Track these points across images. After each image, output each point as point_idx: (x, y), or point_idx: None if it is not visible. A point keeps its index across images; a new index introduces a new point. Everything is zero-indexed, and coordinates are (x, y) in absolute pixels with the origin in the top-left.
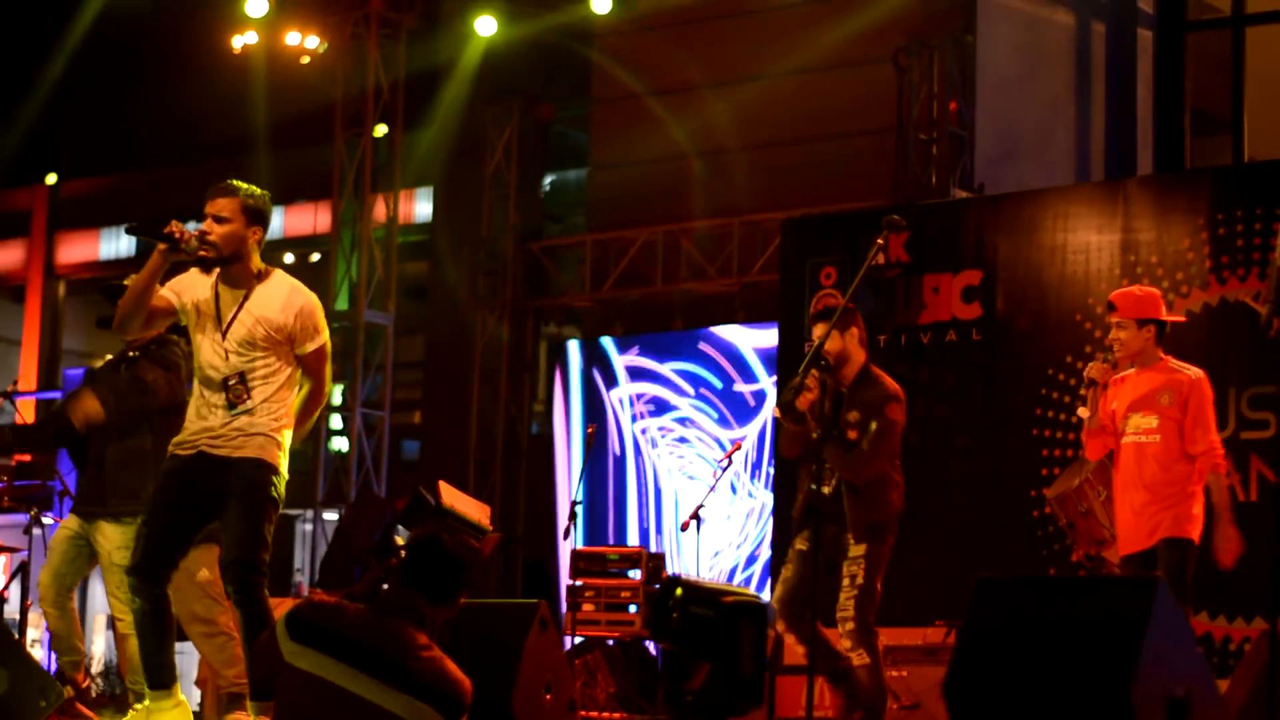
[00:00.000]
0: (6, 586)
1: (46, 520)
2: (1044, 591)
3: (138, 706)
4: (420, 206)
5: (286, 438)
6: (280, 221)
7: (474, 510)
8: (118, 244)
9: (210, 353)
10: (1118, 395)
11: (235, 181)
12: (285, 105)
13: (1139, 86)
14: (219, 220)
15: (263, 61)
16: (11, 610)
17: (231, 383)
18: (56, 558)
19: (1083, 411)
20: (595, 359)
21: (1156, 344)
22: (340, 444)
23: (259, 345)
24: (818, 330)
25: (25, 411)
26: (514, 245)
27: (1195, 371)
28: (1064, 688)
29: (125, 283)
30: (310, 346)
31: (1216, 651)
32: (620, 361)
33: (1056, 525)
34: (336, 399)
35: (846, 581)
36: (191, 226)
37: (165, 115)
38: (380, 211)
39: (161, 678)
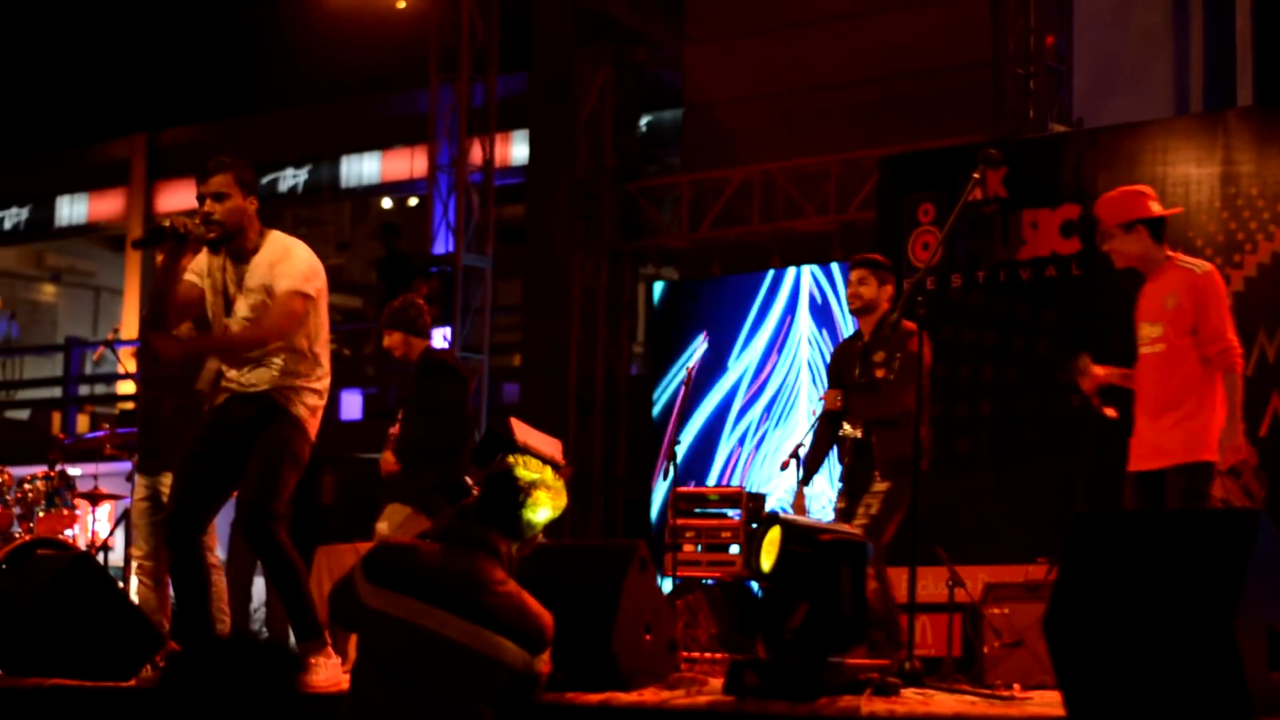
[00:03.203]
0: (110, 534)
1: None
2: (1142, 526)
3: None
4: (516, 150)
5: (315, 401)
6: (378, 166)
7: (547, 446)
8: None
9: (219, 323)
10: (1136, 310)
11: (222, 157)
12: (381, 50)
13: (1238, 16)
14: (218, 198)
15: (359, 5)
16: (116, 558)
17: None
18: (147, 528)
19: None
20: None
21: (1157, 244)
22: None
23: (263, 310)
24: (855, 274)
25: (126, 360)
26: (610, 187)
27: (1203, 265)
28: (1164, 623)
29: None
30: (279, 286)
31: None
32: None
33: None
34: (437, 343)
35: (861, 510)
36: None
37: (263, 61)
38: (477, 155)
39: (196, 637)
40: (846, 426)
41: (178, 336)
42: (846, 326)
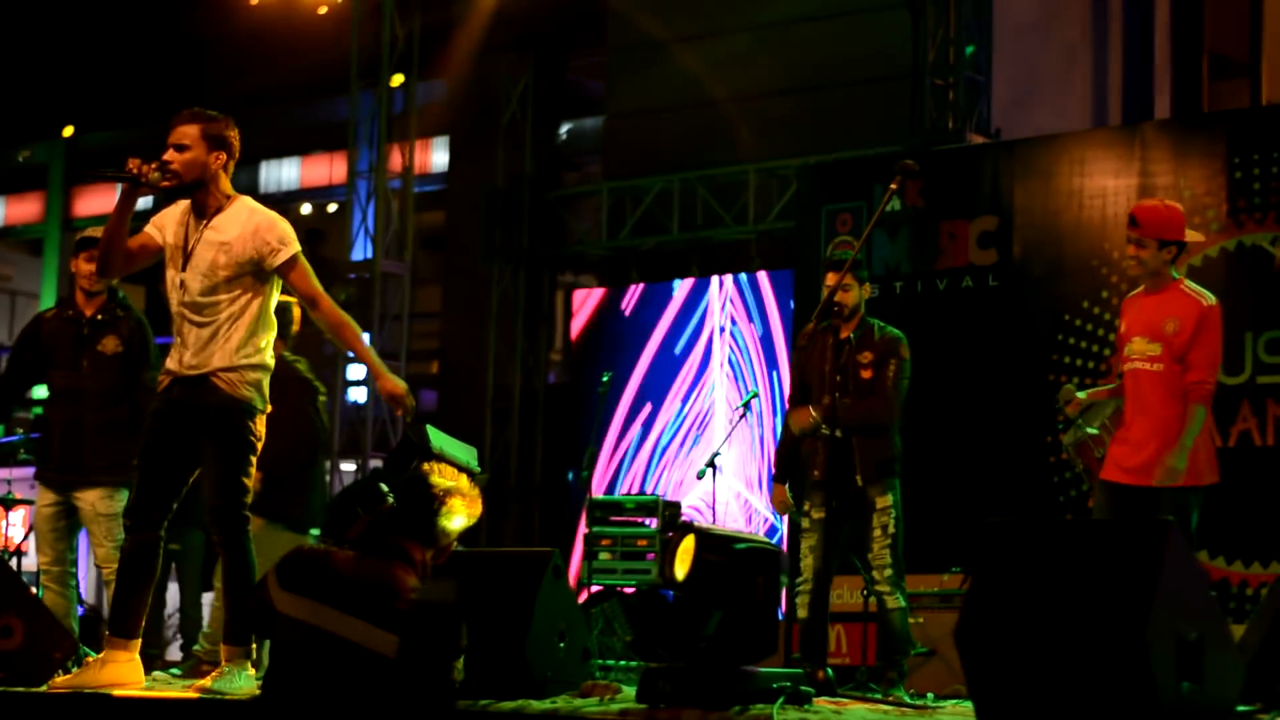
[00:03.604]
0: (25, 539)
1: None
2: (1054, 535)
3: (91, 658)
4: (436, 156)
5: (260, 375)
6: (297, 172)
7: (463, 453)
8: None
9: (173, 285)
10: (1125, 317)
11: (198, 108)
12: (302, 56)
13: (1156, 31)
14: (179, 148)
15: (279, 12)
16: (30, 563)
17: (193, 316)
18: (51, 535)
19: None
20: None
21: (1172, 264)
22: (357, 395)
23: (220, 274)
24: (829, 278)
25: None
26: (530, 194)
27: (1209, 299)
28: (1077, 631)
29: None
30: (278, 259)
31: (1232, 596)
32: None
33: (1073, 471)
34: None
35: (878, 531)
36: None
37: (183, 66)
38: (396, 162)
39: (125, 626)
40: (823, 425)
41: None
42: (775, 332)
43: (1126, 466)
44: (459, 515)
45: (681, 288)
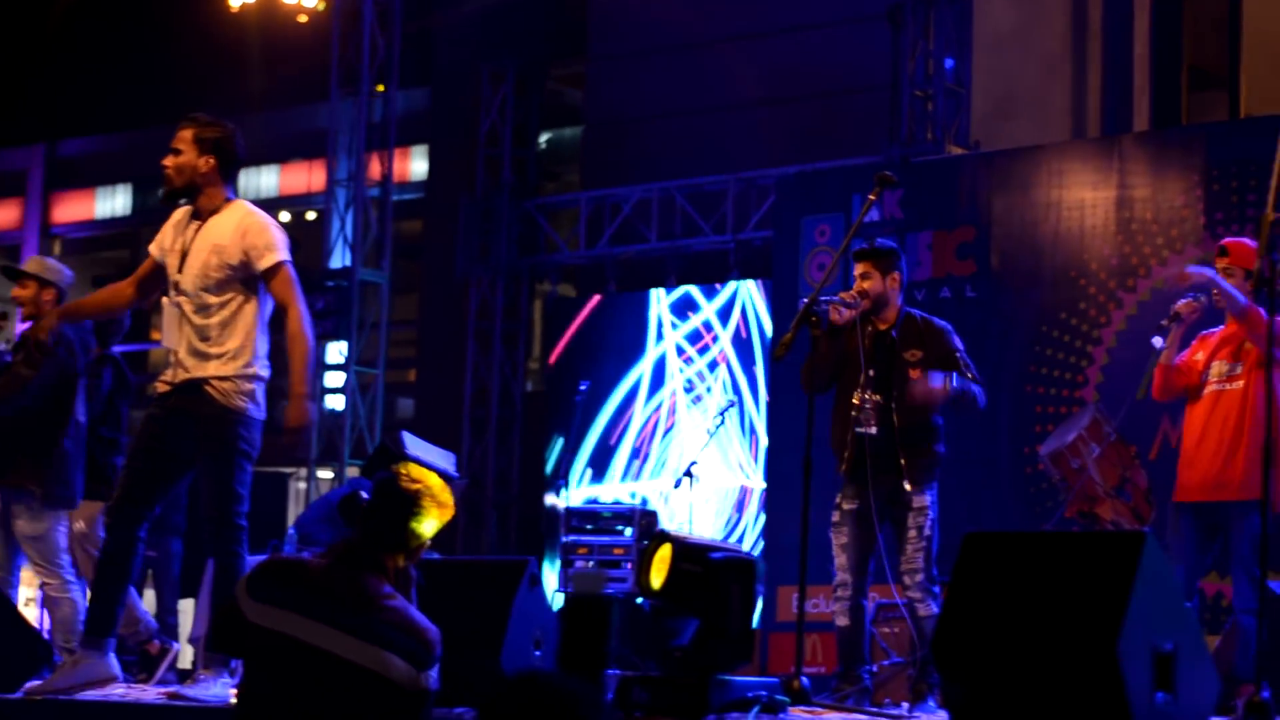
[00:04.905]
0: None
1: None
2: (1032, 547)
3: (67, 658)
4: (415, 165)
5: (254, 385)
6: (276, 180)
7: (440, 458)
8: (113, 203)
9: (171, 287)
10: (1203, 345)
11: (198, 114)
12: (282, 63)
13: (1135, 43)
14: (174, 152)
15: (260, 19)
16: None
17: (191, 318)
18: None
19: (1157, 341)
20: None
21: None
22: (334, 402)
23: (212, 276)
24: (859, 268)
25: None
26: (508, 203)
27: None
28: (1051, 643)
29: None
30: (265, 262)
31: (1208, 608)
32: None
33: (1050, 482)
34: (333, 357)
35: (914, 534)
36: None
37: (162, 74)
38: (375, 170)
39: (101, 626)
40: (860, 426)
41: None
42: (756, 344)
43: (1202, 485)
44: (430, 518)
45: (659, 297)
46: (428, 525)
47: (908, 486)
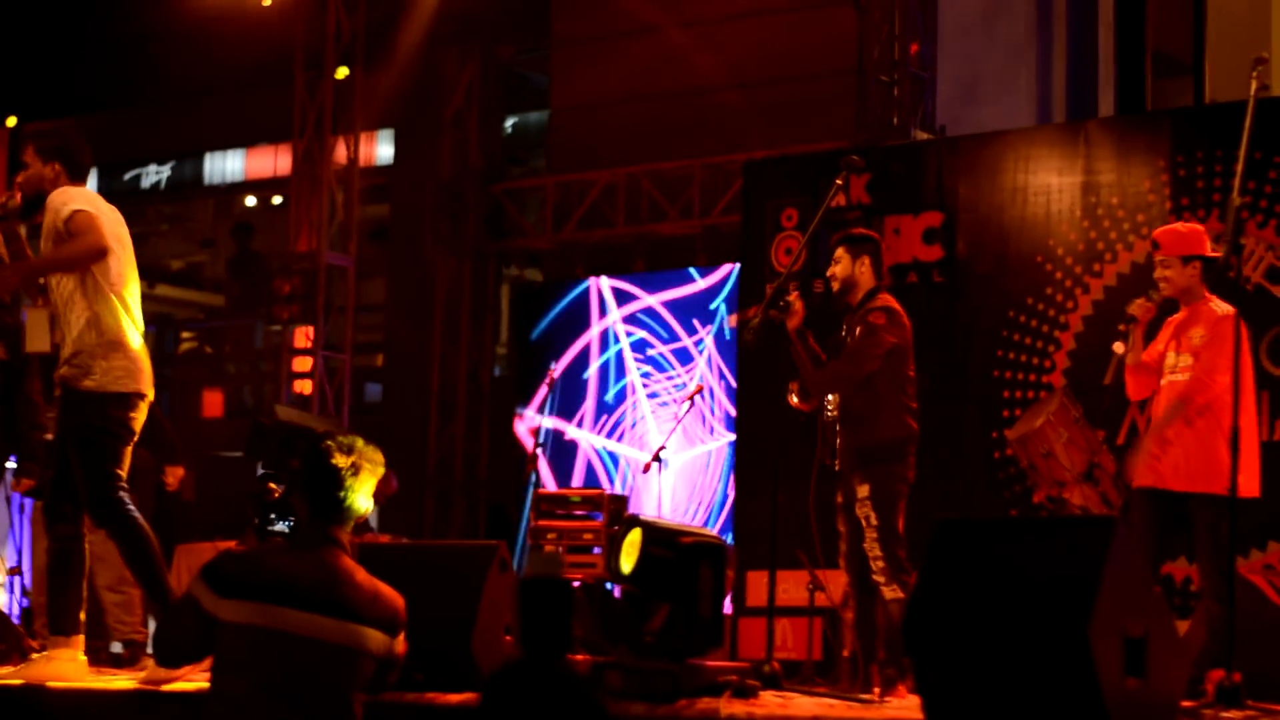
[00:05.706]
0: None
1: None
2: (1002, 532)
3: (36, 654)
4: (381, 149)
5: (99, 362)
6: (241, 164)
7: (318, 423)
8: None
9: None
10: (1163, 335)
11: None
12: (246, 47)
13: (1100, 29)
14: (23, 167)
15: (224, 2)
16: None
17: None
18: None
19: (1118, 347)
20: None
21: (1202, 281)
22: (301, 387)
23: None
24: (837, 253)
25: None
26: (475, 187)
27: (1224, 309)
28: (1021, 627)
29: None
30: (62, 214)
31: (1177, 592)
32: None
33: (1018, 467)
34: (300, 341)
35: (863, 523)
36: None
37: (127, 57)
38: (341, 154)
39: (62, 624)
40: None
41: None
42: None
43: (1155, 470)
44: (365, 483)
45: (624, 281)
46: (364, 491)
47: (836, 467)
